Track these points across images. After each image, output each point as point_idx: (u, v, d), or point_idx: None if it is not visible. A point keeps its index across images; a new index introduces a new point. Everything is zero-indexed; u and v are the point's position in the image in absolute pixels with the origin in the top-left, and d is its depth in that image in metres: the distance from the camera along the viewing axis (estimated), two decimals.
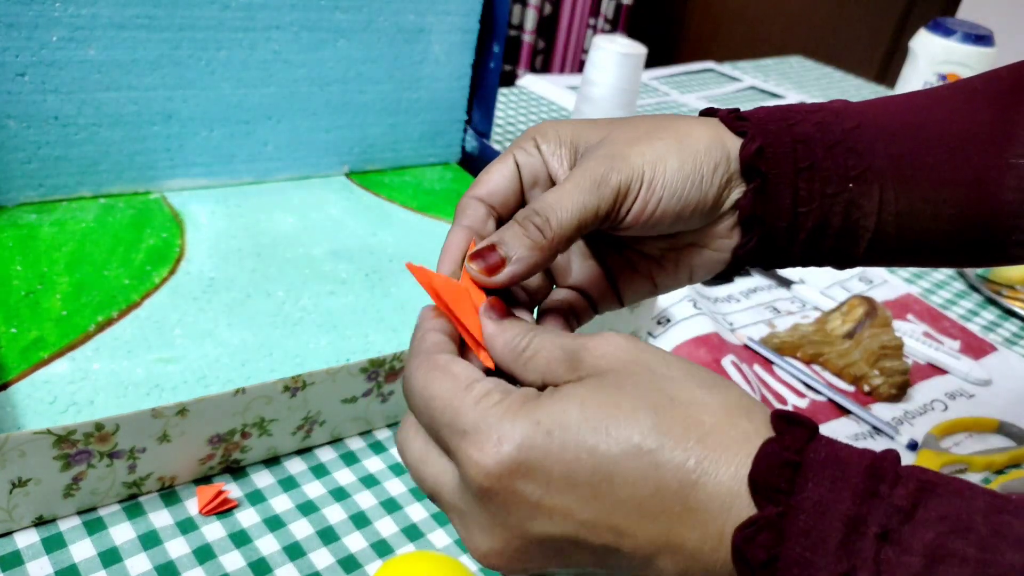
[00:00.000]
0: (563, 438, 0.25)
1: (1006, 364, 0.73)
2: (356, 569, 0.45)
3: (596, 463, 0.25)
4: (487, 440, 0.25)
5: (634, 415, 0.25)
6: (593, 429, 0.25)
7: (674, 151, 0.33)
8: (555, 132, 0.35)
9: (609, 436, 0.25)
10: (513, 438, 0.25)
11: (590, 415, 0.25)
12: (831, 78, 1.47)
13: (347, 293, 0.60)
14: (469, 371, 0.28)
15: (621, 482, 0.24)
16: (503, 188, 0.34)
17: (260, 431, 0.48)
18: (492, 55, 0.77)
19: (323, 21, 0.68)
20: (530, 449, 0.25)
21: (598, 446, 0.25)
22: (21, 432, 0.39)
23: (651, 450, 0.24)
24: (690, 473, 0.24)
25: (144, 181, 0.67)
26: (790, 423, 0.25)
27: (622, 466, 0.25)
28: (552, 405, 0.26)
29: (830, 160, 0.35)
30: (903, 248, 0.37)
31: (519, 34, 2.41)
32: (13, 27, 0.56)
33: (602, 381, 0.26)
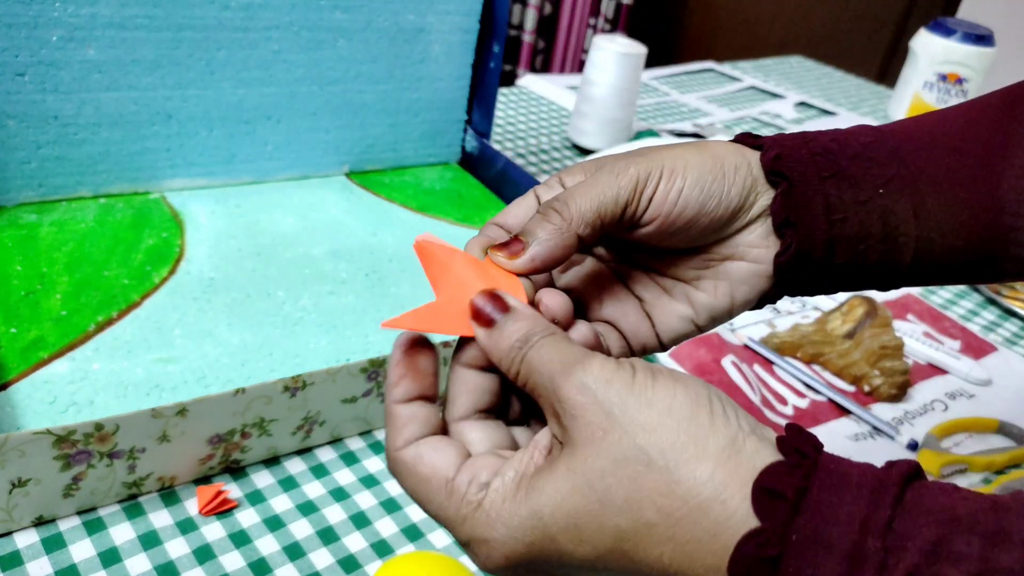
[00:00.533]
0: (542, 547, 0.26)
1: (1006, 364, 0.73)
2: (356, 569, 0.44)
3: (578, 563, 0.26)
4: (480, 554, 0.28)
5: (603, 520, 0.25)
6: (568, 538, 0.26)
7: (694, 151, 0.33)
8: (581, 166, 0.35)
9: (583, 543, 0.26)
10: (501, 552, 0.27)
11: (562, 523, 0.26)
12: (831, 78, 1.47)
13: (347, 293, 0.60)
14: (439, 468, 0.28)
15: (608, 570, 0.26)
16: (524, 217, 0.34)
17: (260, 431, 0.48)
18: (492, 55, 0.77)
19: (323, 21, 0.68)
20: (519, 558, 0.27)
21: (575, 552, 0.26)
22: (21, 432, 0.39)
23: (625, 551, 0.25)
24: (667, 567, 0.25)
25: (144, 181, 0.67)
26: (773, 497, 0.24)
27: (602, 563, 0.26)
28: (527, 517, 0.26)
29: (855, 167, 0.34)
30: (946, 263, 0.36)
31: (519, 34, 2.41)
32: (13, 27, 0.56)
33: (570, 470, 0.26)
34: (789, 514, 0.23)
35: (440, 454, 0.28)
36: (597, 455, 0.26)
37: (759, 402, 0.62)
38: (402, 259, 0.65)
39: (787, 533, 0.23)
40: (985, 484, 0.58)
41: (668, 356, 0.65)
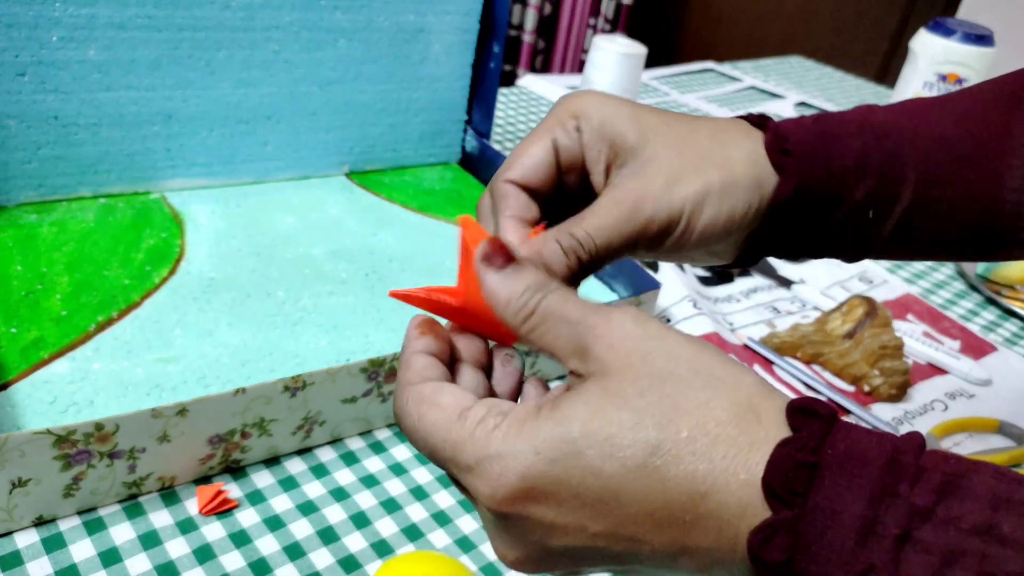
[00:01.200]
0: (566, 464, 0.25)
1: (1006, 364, 0.73)
2: (356, 569, 0.44)
3: (602, 484, 0.25)
4: (491, 474, 0.26)
5: (637, 432, 0.25)
6: (597, 452, 0.25)
7: (715, 194, 0.33)
8: (599, 116, 0.34)
9: (613, 458, 0.25)
10: (516, 469, 0.25)
11: (592, 436, 0.25)
12: (831, 78, 1.47)
13: (347, 293, 0.60)
14: (458, 398, 0.28)
15: (629, 499, 0.25)
16: (541, 172, 0.34)
17: (260, 431, 0.48)
18: (492, 55, 0.77)
19: (323, 21, 0.68)
20: (536, 478, 0.25)
21: (603, 468, 0.25)
22: (21, 432, 0.39)
23: (656, 467, 0.24)
24: (699, 485, 0.24)
25: (144, 181, 0.67)
26: (807, 416, 0.24)
27: (629, 483, 0.25)
28: (552, 429, 0.25)
29: (862, 191, 0.36)
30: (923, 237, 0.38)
31: (519, 34, 2.41)
32: (13, 27, 0.56)
33: (604, 389, 0.25)
34: (824, 430, 0.24)
35: (460, 391, 0.28)
36: (636, 377, 0.25)
37: None
38: (402, 259, 0.65)
39: (823, 445, 0.24)
40: None
41: None
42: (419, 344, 0.30)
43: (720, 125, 0.35)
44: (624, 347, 0.26)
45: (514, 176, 0.34)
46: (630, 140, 0.34)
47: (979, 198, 0.36)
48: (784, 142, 0.35)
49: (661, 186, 0.33)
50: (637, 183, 0.33)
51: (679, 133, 0.34)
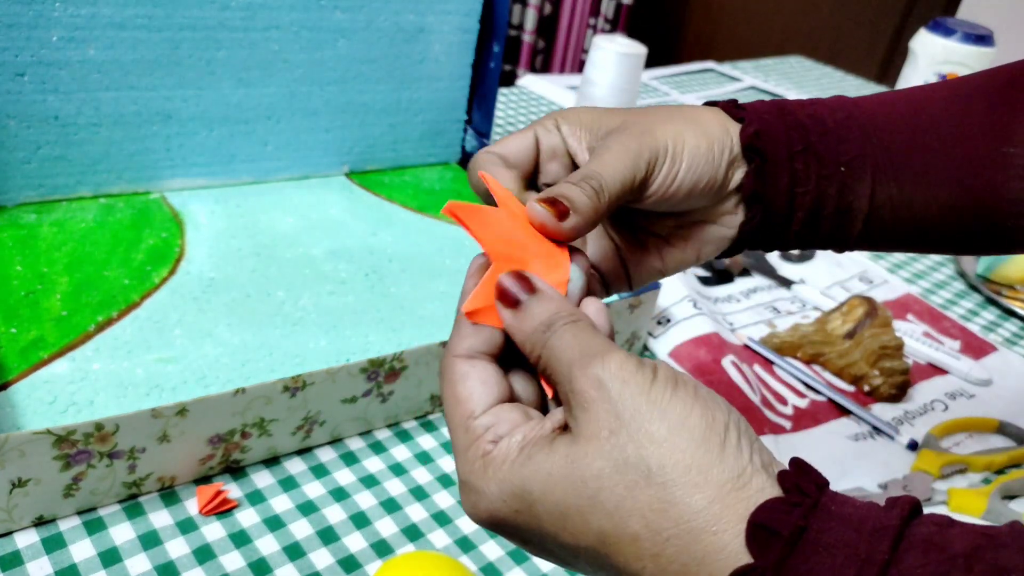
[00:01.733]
0: (526, 518, 0.27)
1: (1006, 364, 0.73)
2: (356, 569, 0.44)
3: (559, 545, 0.27)
4: (467, 499, 0.29)
5: (590, 516, 0.25)
6: (552, 522, 0.26)
7: (691, 130, 0.35)
8: (576, 115, 0.36)
9: (565, 531, 0.26)
10: (485, 508, 0.28)
11: (550, 507, 0.26)
12: (831, 78, 1.47)
13: (347, 293, 0.60)
14: (473, 396, 0.29)
15: (584, 561, 0.27)
16: (522, 152, 0.36)
17: (260, 431, 0.48)
18: (492, 55, 0.77)
19: (323, 21, 0.68)
20: (501, 519, 0.28)
21: (557, 535, 0.26)
22: (21, 432, 0.39)
23: (605, 554, 0.26)
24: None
25: (144, 181, 0.67)
26: (767, 535, 0.23)
27: (581, 553, 0.26)
28: (520, 483, 0.27)
29: (822, 145, 0.37)
30: (898, 233, 0.39)
31: (519, 34, 2.41)
32: (13, 27, 0.56)
33: (568, 459, 0.26)
34: (784, 553, 0.23)
35: (483, 386, 0.29)
36: (598, 454, 0.25)
37: (759, 402, 0.62)
38: (402, 259, 0.65)
39: (780, 573, 0.22)
40: (985, 484, 0.58)
41: (668, 356, 0.65)
42: (464, 344, 0.30)
43: (685, 105, 0.38)
44: (594, 414, 0.26)
45: (496, 150, 0.36)
46: (609, 123, 0.36)
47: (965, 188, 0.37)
48: (739, 106, 0.38)
49: (644, 130, 0.35)
50: (625, 135, 0.35)
51: (649, 110, 0.37)
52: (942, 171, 0.37)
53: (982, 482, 0.58)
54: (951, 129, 0.37)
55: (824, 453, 0.59)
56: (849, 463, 0.58)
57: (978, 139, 0.37)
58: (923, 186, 0.37)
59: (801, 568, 0.22)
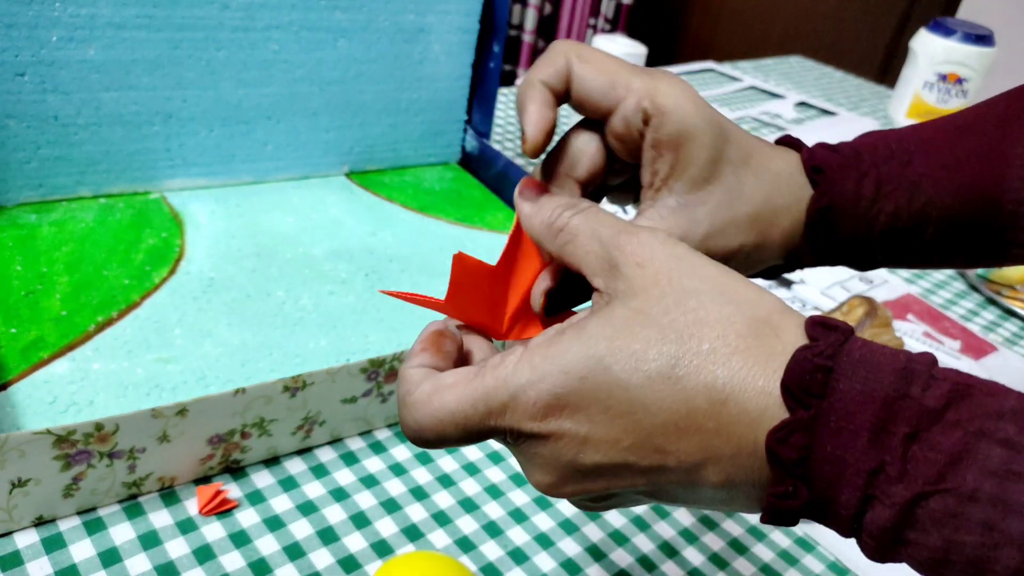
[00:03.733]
0: (595, 379, 0.26)
1: (1006, 364, 0.73)
2: (356, 569, 0.44)
3: (630, 396, 0.26)
4: (527, 401, 0.27)
5: (661, 346, 0.26)
6: (623, 366, 0.26)
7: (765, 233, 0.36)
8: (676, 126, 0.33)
9: (638, 371, 0.26)
10: (549, 389, 0.27)
11: (618, 352, 0.26)
12: (831, 78, 1.47)
13: (347, 293, 0.60)
14: (462, 372, 0.29)
15: (656, 409, 0.26)
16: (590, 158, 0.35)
17: (260, 431, 0.48)
18: (492, 55, 0.77)
19: (323, 21, 0.68)
20: (568, 395, 0.26)
21: (630, 380, 0.26)
22: (21, 432, 0.39)
23: (679, 377, 0.26)
24: (719, 393, 0.25)
25: (144, 181, 0.67)
26: (825, 328, 0.25)
27: (654, 394, 0.26)
28: (580, 348, 0.26)
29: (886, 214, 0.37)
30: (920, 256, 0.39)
31: (519, 34, 2.41)
32: (13, 27, 0.56)
33: (630, 309, 0.27)
34: (840, 339, 0.25)
35: (461, 368, 0.29)
36: (661, 295, 0.26)
37: None
38: (402, 259, 0.65)
39: (839, 352, 0.25)
40: None
41: None
42: (415, 360, 0.30)
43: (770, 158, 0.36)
44: (652, 267, 0.27)
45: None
46: (695, 167, 0.33)
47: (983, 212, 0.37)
48: (816, 163, 0.36)
49: (704, 234, 0.34)
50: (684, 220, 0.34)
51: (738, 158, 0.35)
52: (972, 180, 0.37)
53: None
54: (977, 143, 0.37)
55: None
56: None
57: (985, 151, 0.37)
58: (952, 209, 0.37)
59: (855, 353, 0.25)
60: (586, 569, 0.47)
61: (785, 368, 0.25)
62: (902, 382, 0.24)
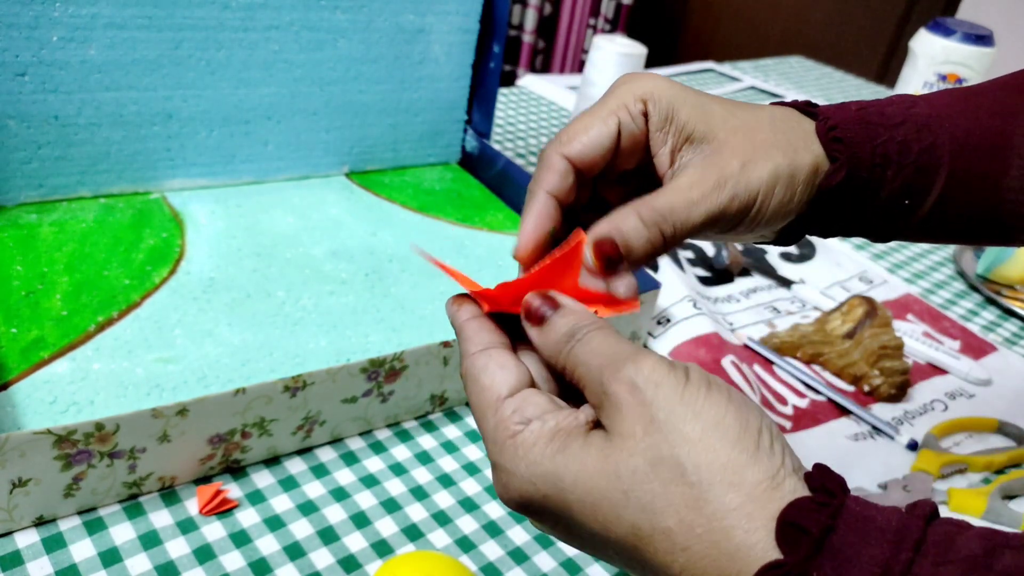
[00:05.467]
0: (556, 504, 0.27)
1: (1006, 364, 0.73)
2: (356, 569, 0.45)
3: (583, 532, 0.27)
4: (499, 480, 0.29)
5: (623, 510, 0.26)
6: (582, 510, 0.27)
7: (784, 177, 0.35)
8: (667, 105, 0.35)
9: (596, 521, 0.26)
10: (516, 489, 0.28)
11: (581, 495, 0.26)
12: (831, 78, 1.47)
13: (347, 293, 0.60)
14: (496, 381, 0.29)
15: (614, 551, 0.27)
16: (598, 151, 0.34)
17: (260, 431, 0.48)
18: (492, 55, 0.77)
19: (323, 21, 0.68)
20: (530, 502, 0.28)
21: (587, 524, 0.27)
22: (21, 432, 0.40)
23: (635, 546, 0.26)
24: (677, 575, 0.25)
25: (144, 181, 0.67)
26: (797, 532, 0.23)
27: (611, 544, 0.27)
28: (552, 469, 0.27)
29: (899, 180, 0.37)
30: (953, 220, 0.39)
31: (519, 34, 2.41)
32: (13, 27, 0.56)
33: (602, 452, 0.26)
34: (812, 551, 0.23)
35: (503, 371, 0.29)
36: (633, 452, 0.26)
37: (759, 402, 0.62)
38: (402, 259, 0.66)
39: (808, 569, 0.23)
40: (985, 484, 0.58)
41: (667, 356, 0.65)
42: (464, 313, 0.31)
43: (777, 113, 0.37)
44: (629, 416, 0.26)
45: (571, 152, 0.34)
46: (700, 128, 0.34)
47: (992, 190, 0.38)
48: (834, 130, 0.36)
49: (737, 168, 0.34)
50: (715, 165, 0.34)
51: (743, 120, 0.35)
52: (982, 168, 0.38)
53: (982, 482, 0.58)
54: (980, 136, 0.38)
55: (824, 453, 0.59)
56: (849, 463, 0.58)
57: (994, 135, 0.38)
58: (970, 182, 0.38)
59: (827, 567, 0.23)
60: (586, 569, 0.47)
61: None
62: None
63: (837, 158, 0.36)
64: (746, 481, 0.24)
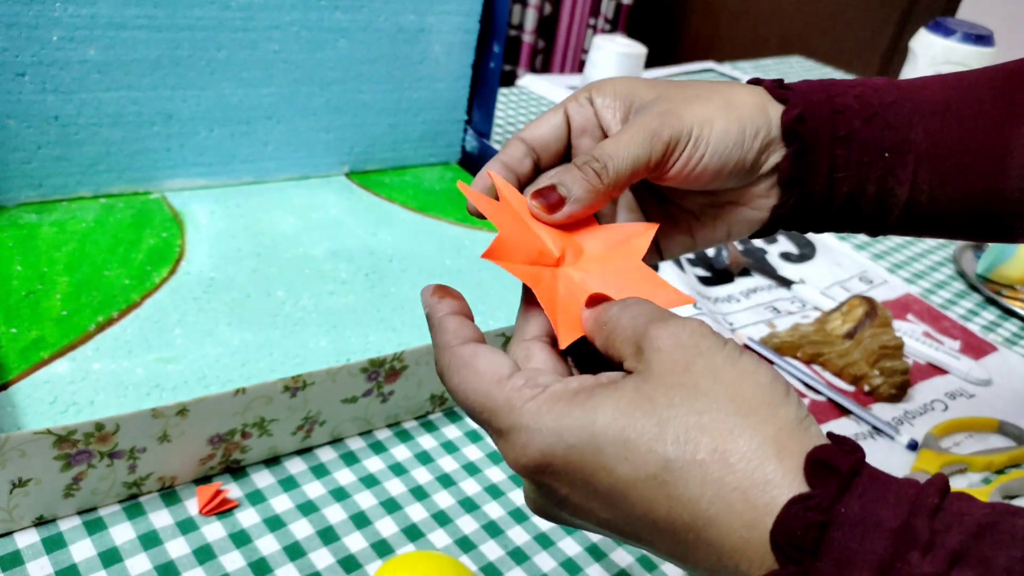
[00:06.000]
0: (583, 453, 0.26)
1: (1006, 364, 0.73)
2: (356, 569, 0.45)
3: (612, 481, 0.26)
4: (516, 443, 0.27)
5: (654, 443, 0.25)
6: (614, 451, 0.25)
7: (722, 113, 0.36)
8: (612, 87, 0.37)
9: (627, 461, 0.25)
10: (538, 445, 0.27)
11: (612, 435, 0.25)
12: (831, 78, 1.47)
13: (347, 293, 0.60)
14: (494, 364, 0.29)
15: (635, 501, 0.26)
16: (549, 134, 0.36)
17: (260, 431, 0.48)
18: (492, 55, 0.77)
19: (323, 21, 0.68)
20: (553, 457, 0.26)
21: (616, 467, 0.25)
22: (21, 432, 0.40)
23: (665, 482, 0.25)
24: (702, 511, 0.25)
25: (144, 181, 0.67)
26: (826, 470, 0.24)
27: (636, 489, 0.25)
28: (579, 417, 0.26)
29: (867, 131, 0.37)
30: (934, 219, 0.39)
31: (519, 34, 2.41)
32: (13, 27, 0.56)
33: (637, 391, 0.26)
34: (840, 488, 0.24)
35: (499, 356, 0.29)
36: (672, 386, 0.26)
37: None
38: (402, 259, 0.65)
39: (836, 505, 0.23)
40: (985, 484, 0.58)
41: None
42: (444, 307, 0.31)
43: (726, 82, 0.38)
44: (671, 354, 0.26)
45: (522, 135, 0.36)
46: (644, 96, 0.36)
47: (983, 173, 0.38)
48: (784, 86, 0.38)
49: (670, 110, 0.35)
50: (648, 114, 0.35)
51: (687, 85, 0.37)
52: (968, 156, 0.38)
53: (982, 482, 0.58)
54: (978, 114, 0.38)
55: None
56: None
57: (996, 125, 0.37)
58: (956, 172, 0.38)
59: (855, 504, 0.23)
60: (586, 569, 0.47)
61: (776, 519, 0.24)
62: (902, 543, 0.23)
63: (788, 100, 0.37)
64: (779, 416, 0.25)
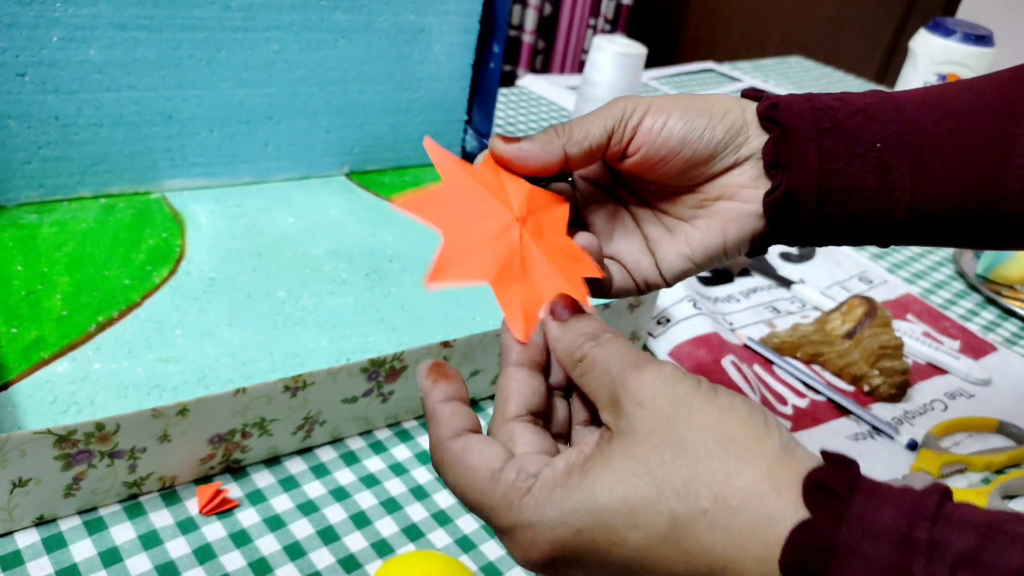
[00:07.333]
0: (593, 533, 0.26)
1: (1006, 364, 0.73)
2: (356, 569, 0.45)
3: (626, 553, 0.26)
4: (523, 541, 0.27)
5: (658, 505, 0.26)
6: (621, 523, 0.26)
7: (687, 96, 0.37)
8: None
9: (636, 528, 0.26)
10: (547, 538, 0.27)
11: (616, 508, 0.26)
12: (831, 78, 1.47)
13: (347, 293, 0.60)
14: (486, 459, 0.29)
15: (653, 567, 0.26)
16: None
17: (260, 431, 0.48)
18: (492, 55, 0.77)
19: (323, 21, 0.68)
20: (565, 545, 0.27)
21: (627, 537, 0.26)
22: (22, 432, 0.40)
23: (677, 539, 0.26)
24: (719, 557, 0.25)
25: (144, 181, 0.67)
26: (823, 492, 0.25)
27: (652, 553, 0.26)
28: (580, 498, 0.26)
29: (852, 123, 0.36)
30: (942, 219, 0.37)
31: (519, 34, 2.41)
32: (13, 27, 0.57)
33: (627, 456, 0.27)
34: (839, 507, 0.24)
35: (490, 447, 0.29)
36: (659, 443, 0.26)
37: (759, 402, 0.62)
38: (402, 259, 0.66)
39: (838, 524, 0.24)
40: (984, 484, 0.58)
41: (667, 356, 0.65)
42: (438, 393, 0.31)
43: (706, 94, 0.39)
44: (651, 410, 0.27)
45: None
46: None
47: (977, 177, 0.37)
48: (757, 90, 0.38)
49: (632, 97, 0.36)
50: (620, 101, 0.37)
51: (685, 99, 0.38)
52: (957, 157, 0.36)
53: (982, 482, 0.58)
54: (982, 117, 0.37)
55: None
56: None
57: (991, 124, 0.36)
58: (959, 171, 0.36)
59: (856, 519, 0.24)
60: None
61: (782, 548, 0.24)
62: (904, 555, 0.23)
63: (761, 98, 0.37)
64: (766, 450, 0.26)
